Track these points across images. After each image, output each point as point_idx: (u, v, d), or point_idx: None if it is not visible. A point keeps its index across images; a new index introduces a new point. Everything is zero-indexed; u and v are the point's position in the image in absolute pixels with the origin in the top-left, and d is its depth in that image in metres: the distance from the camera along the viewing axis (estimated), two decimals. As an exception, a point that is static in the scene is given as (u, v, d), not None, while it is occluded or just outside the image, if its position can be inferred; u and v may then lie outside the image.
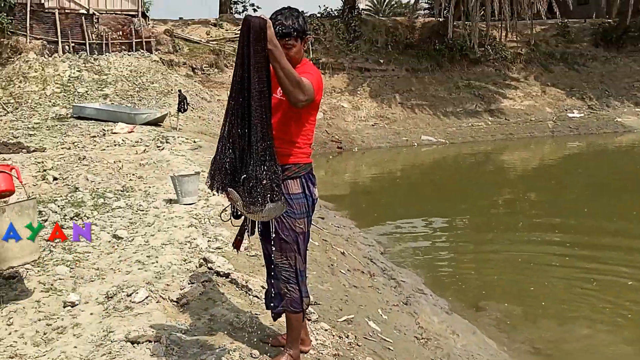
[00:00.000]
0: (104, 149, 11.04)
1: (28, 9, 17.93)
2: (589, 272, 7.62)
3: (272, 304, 3.32)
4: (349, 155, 18.90)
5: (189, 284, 4.20)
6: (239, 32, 19.63)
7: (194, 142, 12.32)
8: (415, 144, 19.89)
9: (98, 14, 18.69)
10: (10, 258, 3.71)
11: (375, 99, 21.57)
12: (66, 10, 18.52)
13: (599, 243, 8.86)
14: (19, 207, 3.79)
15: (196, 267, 4.55)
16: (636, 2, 23.63)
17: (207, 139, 13.83)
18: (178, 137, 12.49)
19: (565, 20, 25.74)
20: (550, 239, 9.39)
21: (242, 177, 2.85)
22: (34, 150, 10.69)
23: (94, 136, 12.43)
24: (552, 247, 8.92)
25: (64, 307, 3.82)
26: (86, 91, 16.96)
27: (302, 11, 3.22)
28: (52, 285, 4.15)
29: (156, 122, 14.25)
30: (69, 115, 15.14)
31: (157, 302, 3.85)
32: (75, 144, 11.59)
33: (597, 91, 24.27)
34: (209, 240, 5.15)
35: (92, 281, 4.27)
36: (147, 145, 11.38)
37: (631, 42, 26.33)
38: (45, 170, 8.52)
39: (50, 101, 16.36)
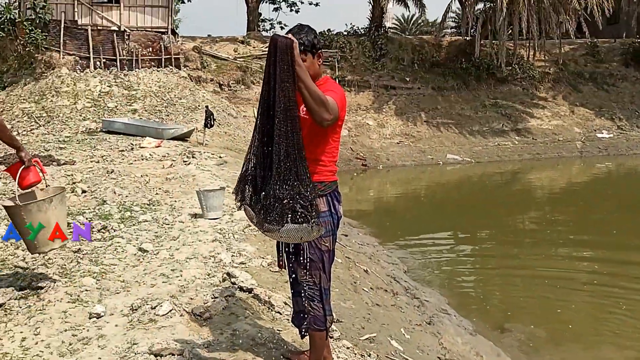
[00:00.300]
0: (132, 163, 11.20)
1: (62, 25, 18.40)
2: (618, 295, 7.44)
3: (297, 322, 3.33)
4: (373, 173, 18.88)
5: (212, 298, 4.22)
6: (266, 49, 19.82)
7: (220, 157, 12.45)
8: (441, 162, 19.79)
9: (129, 31, 19.09)
10: (52, 241, 4.14)
11: (401, 116, 21.57)
12: (98, 27, 18.96)
13: (628, 265, 8.66)
14: (61, 197, 4.23)
15: (220, 281, 4.58)
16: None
17: (232, 155, 13.97)
18: (204, 153, 12.64)
19: (595, 40, 25.50)
20: (577, 259, 9.22)
21: (262, 194, 2.87)
22: (64, 163, 10.89)
23: (122, 150, 12.62)
24: (580, 268, 8.75)
25: (90, 318, 3.87)
26: (116, 106, 17.29)
27: (316, 31, 3.25)
28: (78, 296, 4.20)
29: (183, 137, 14.44)
30: (98, 130, 15.44)
31: (180, 316, 3.88)
32: (104, 157, 11.78)
33: (627, 112, 23.94)
34: (232, 255, 5.18)
35: (117, 293, 4.32)
36: (173, 160, 11.52)
37: (663, 62, 25.97)
38: (74, 183, 8.66)
39: (80, 115, 16.71)
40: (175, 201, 7.61)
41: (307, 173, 2.86)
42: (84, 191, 8.18)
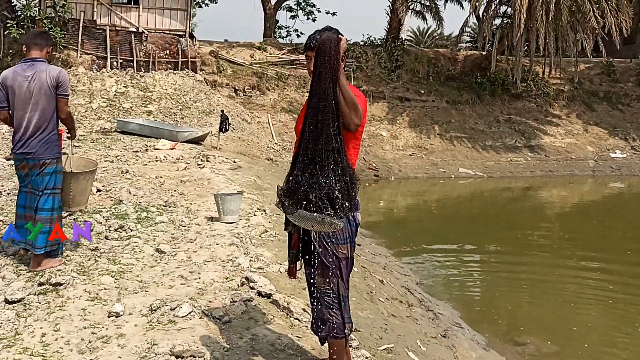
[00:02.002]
0: (146, 164, 11.22)
1: (81, 24, 18.51)
2: (633, 315, 7.39)
3: (316, 329, 3.30)
4: (385, 184, 18.83)
5: (231, 302, 4.20)
6: (282, 56, 19.79)
7: (234, 162, 12.46)
8: (453, 176, 19.72)
9: (147, 33, 19.18)
10: (82, 203, 5.19)
11: (414, 129, 21.53)
12: (117, 28, 19.06)
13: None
14: (95, 170, 5.39)
15: (238, 285, 4.56)
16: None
17: (246, 160, 13.98)
18: (218, 157, 12.65)
19: (611, 60, 25.41)
20: (590, 278, 9.15)
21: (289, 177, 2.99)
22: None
23: (137, 151, 12.66)
24: (592, 285, 8.68)
25: (109, 316, 3.86)
26: (131, 107, 17.35)
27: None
28: (97, 294, 4.19)
29: (197, 141, 14.46)
30: (113, 130, 15.49)
31: (200, 318, 3.86)
32: (119, 157, 11.80)
33: (641, 132, 23.81)
34: (250, 260, 5.16)
35: (135, 293, 4.31)
36: (187, 163, 11.53)
37: (679, 84, 25.80)
38: (89, 182, 8.67)
39: (95, 115, 16.77)
40: (191, 204, 7.61)
41: (337, 165, 2.89)
42: (98, 190, 8.19)
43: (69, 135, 5.04)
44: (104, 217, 6.29)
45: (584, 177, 21.00)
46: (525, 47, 22.19)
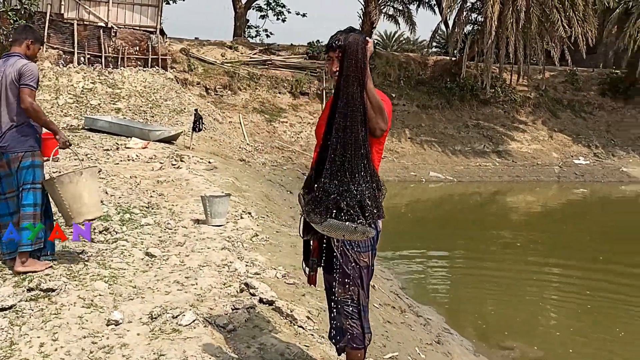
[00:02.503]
0: (118, 163, 10.92)
1: (47, 18, 17.95)
2: (613, 319, 7.53)
3: (334, 338, 3.20)
4: (356, 186, 18.78)
5: (232, 309, 4.07)
6: (254, 56, 19.54)
7: (209, 162, 12.24)
8: (424, 179, 19.86)
9: (116, 28, 18.73)
10: (85, 212, 4.60)
11: (385, 132, 21.59)
12: (85, 22, 18.56)
13: (621, 291, 8.75)
14: (91, 171, 4.78)
15: (237, 291, 4.42)
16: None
17: (220, 160, 13.76)
18: (193, 157, 12.41)
19: (574, 68, 26.03)
20: (566, 280, 9.37)
21: (315, 185, 2.86)
22: (47, 160, 10.54)
23: (107, 149, 12.32)
24: (569, 288, 8.88)
25: (107, 324, 3.67)
26: (99, 104, 16.89)
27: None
28: (92, 301, 4.00)
29: (169, 140, 14.16)
30: (80, 127, 15.05)
31: (204, 327, 3.71)
32: (89, 156, 11.46)
33: (603, 140, 24.45)
34: (247, 265, 5.02)
35: (131, 299, 4.13)
36: (161, 163, 11.27)
37: (638, 94, 26.59)
38: (62, 181, 8.37)
39: (62, 111, 16.28)
40: (174, 205, 7.41)
41: (366, 172, 2.80)
42: (73, 190, 7.90)
43: (61, 145, 4.66)
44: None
45: (550, 183, 21.44)
46: (494, 54, 22.54)
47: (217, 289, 4.43)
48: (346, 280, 3.01)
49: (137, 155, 11.86)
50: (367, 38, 2.90)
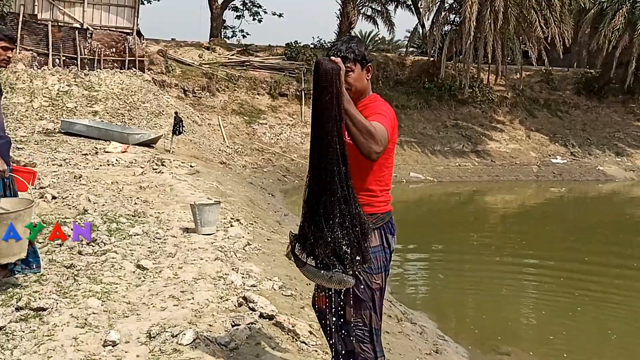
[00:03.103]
0: (97, 168, 10.69)
1: (20, 19, 17.51)
2: (599, 321, 7.55)
3: None
4: (337, 188, 18.71)
5: (232, 325, 3.93)
6: (232, 57, 19.36)
7: (191, 166, 12.05)
8: (404, 180, 19.85)
9: (92, 29, 18.36)
10: (8, 255, 4.00)
11: (365, 132, 21.55)
12: (59, 23, 18.15)
13: (611, 291, 8.80)
14: (27, 212, 4.10)
15: (235, 306, 4.28)
16: (620, 55, 24.29)
17: (201, 164, 13.55)
18: (174, 161, 12.20)
19: (550, 68, 26.32)
20: (553, 281, 9.35)
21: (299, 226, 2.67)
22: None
23: (86, 154, 12.06)
24: (557, 290, 8.85)
25: (104, 345, 3.51)
26: (75, 106, 16.53)
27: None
28: (86, 320, 3.82)
29: (149, 144, 13.91)
30: (56, 130, 14.70)
31: (206, 346, 3.57)
32: (67, 160, 11.21)
33: (579, 139, 24.74)
34: (242, 277, 4.88)
35: (126, 317, 3.96)
36: (142, 167, 11.06)
37: (612, 93, 27.00)
38: (42, 188, 8.14)
39: (37, 114, 15.88)
40: (160, 213, 7.22)
41: (343, 217, 2.55)
42: (54, 197, 7.68)
43: None
44: (72, 230, 5.84)
45: (528, 182, 21.62)
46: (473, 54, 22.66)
47: (215, 303, 4.29)
48: (358, 304, 2.86)
49: (117, 160, 11.62)
50: (334, 58, 2.62)
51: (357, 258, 2.60)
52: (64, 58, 17.99)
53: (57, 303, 3.98)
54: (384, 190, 2.98)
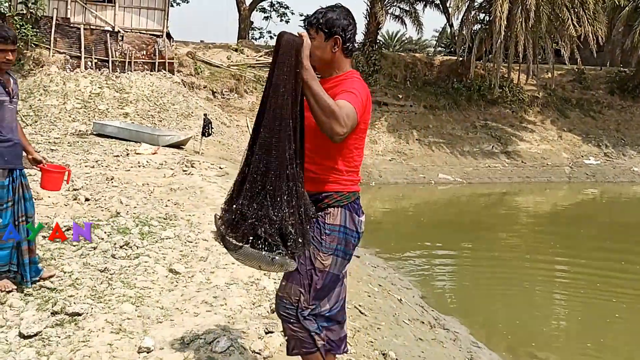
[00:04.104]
0: (129, 170, 10.78)
1: (54, 22, 17.82)
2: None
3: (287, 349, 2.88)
4: (365, 189, 18.64)
5: (265, 332, 3.90)
6: (260, 59, 19.33)
7: (220, 168, 12.08)
8: (433, 182, 19.68)
9: (123, 32, 18.59)
10: None
11: (393, 133, 21.45)
12: (91, 27, 18.42)
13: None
14: None
15: (268, 312, 4.25)
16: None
17: (230, 165, 13.60)
18: (203, 162, 12.25)
19: (582, 67, 25.82)
20: (586, 284, 9.16)
21: (233, 206, 2.50)
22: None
23: (117, 155, 12.18)
24: (591, 294, 8.67)
25: (139, 352, 3.51)
26: (107, 108, 16.77)
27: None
28: (120, 325, 3.83)
29: (179, 145, 14.03)
30: (89, 132, 14.92)
31: (240, 354, 3.54)
32: (99, 162, 11.33)
33: (613, 139, 24.24)
34: (274, 282, 4.85)
35: (159, 322, 3.96)
36: (172, 169, 11.12)
37: (647, 93, 26.40)
38: (75, 190, 8.22)
39: (70, 116, 16.15)
40: (191, 215, 7.23)
41: (291, 195, 2.45)
42: (87, 199, 7.75)
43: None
44: (105, 233, 5.88)
45: (560, 183, 21.25)
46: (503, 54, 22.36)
47: (248, 309, 4.27)
48: (291, 275, 2.67)
49: (147, 162, 11.71)
50: (300, 33, 2.52)
51: (300, 240, 2.49)
52: (95, 60, 18.25)
53: (92, 308, 4.00)
54: (351, 170, 2.77)
